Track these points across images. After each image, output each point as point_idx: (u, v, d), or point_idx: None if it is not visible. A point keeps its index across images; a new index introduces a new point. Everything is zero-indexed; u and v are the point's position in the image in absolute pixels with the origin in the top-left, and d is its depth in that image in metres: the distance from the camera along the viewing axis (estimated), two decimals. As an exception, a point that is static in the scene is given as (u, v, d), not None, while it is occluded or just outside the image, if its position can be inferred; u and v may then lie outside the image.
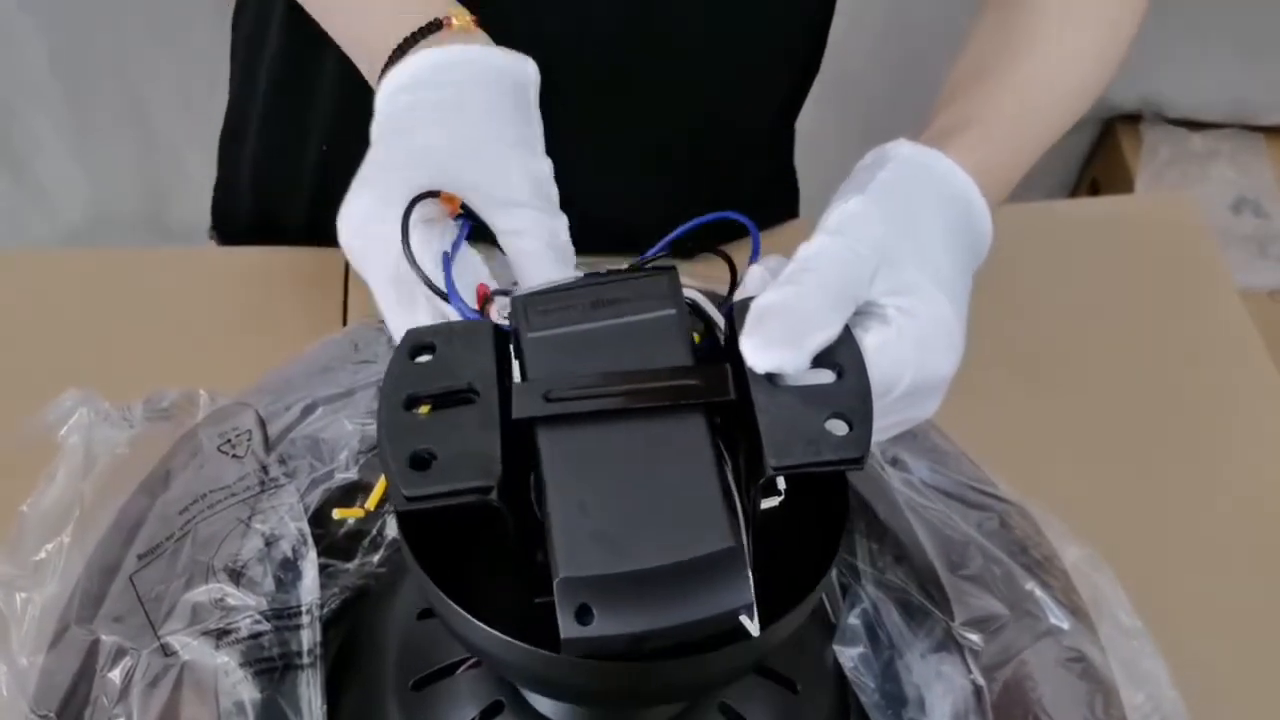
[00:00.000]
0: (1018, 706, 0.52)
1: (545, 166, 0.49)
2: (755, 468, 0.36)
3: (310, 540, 0.55)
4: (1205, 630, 0.66)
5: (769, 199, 0.89)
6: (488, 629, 0.35)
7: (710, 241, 0.45)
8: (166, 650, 0.50)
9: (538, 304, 0.39)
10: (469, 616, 0.35)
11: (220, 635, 0.51)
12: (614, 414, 0.37)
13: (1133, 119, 1.69)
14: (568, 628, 0.33)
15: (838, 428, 0.36)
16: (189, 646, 0.50)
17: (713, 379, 0.37)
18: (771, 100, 0.83)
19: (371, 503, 0.37)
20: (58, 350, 0.76)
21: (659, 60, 0.74)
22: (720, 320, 0.41)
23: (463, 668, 0.49)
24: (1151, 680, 0.57)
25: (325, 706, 0.52)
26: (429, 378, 0.37)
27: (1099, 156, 1.73)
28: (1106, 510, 0.68)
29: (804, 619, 0.37)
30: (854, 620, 0.55)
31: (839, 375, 0.37)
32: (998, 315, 0.82)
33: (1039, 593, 0.57)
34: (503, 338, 0.39)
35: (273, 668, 0.51)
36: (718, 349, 0.40)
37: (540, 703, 0.45)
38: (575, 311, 0.39)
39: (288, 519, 0.55)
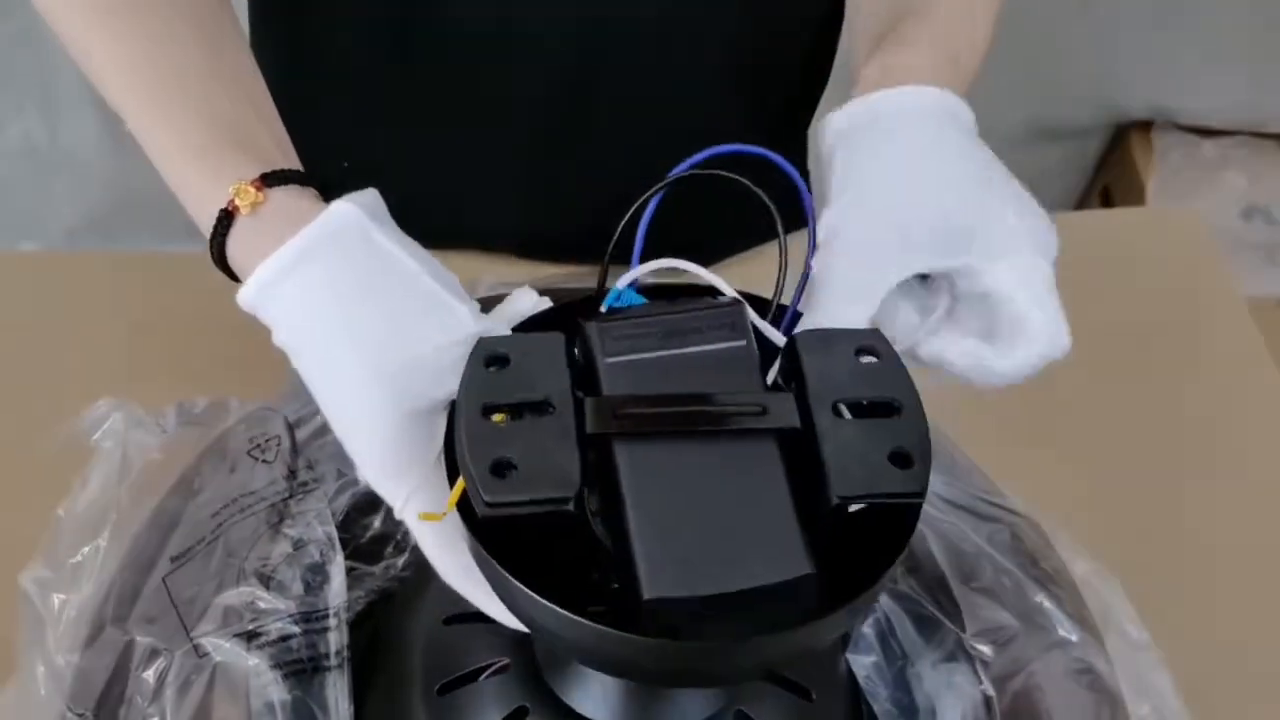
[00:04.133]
0: (1026, 717, 0.54)
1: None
2: (819, 496, 0.38)
3: (338, 544, 0.56)
4: (1211, 642, 0.67)
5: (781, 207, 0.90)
6: (578, 618, 0.36)
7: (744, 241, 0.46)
8: (199, 651, 0.52)
9: (612, 331, 0.40)
10: (562, 610, 0.36)
11: (251, 637, 0.53)
12: (687, 434, 0.38)
13: (1144, 126, 1.70)
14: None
15: (899, 462, 0.38)
16: (221, 648, 0.52)
17: (780, 407, 0.39)
18: (772, 106, 0.84)
19: (450, 503, 0.38)
20: (82, 353, 0.77)
21: (630, 67, 0.74)
22: (777, 336, 0.42)
23: (486, 673, 0.50)
24: (1157, 692, 0.58)
25: (352, 708, 0.53)
26: (505, 388, 0.38)
27: (1110, 163, 1.74)
28: (1114, 521, 0.69)
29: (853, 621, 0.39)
30: (867, 630, 0.57)
31: (898, 412, 0.38)
32: None
33: (1048, 605, 0.58)
34: (574, 356, 0.40)
35: (301, 669, 0.53)
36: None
37: (566, 707, 0.47)
38: (648, 340, 0.40)
39: (316, 523, 0.56)
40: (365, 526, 0.60)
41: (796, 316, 0.45)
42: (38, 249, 1.53)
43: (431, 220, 0.52)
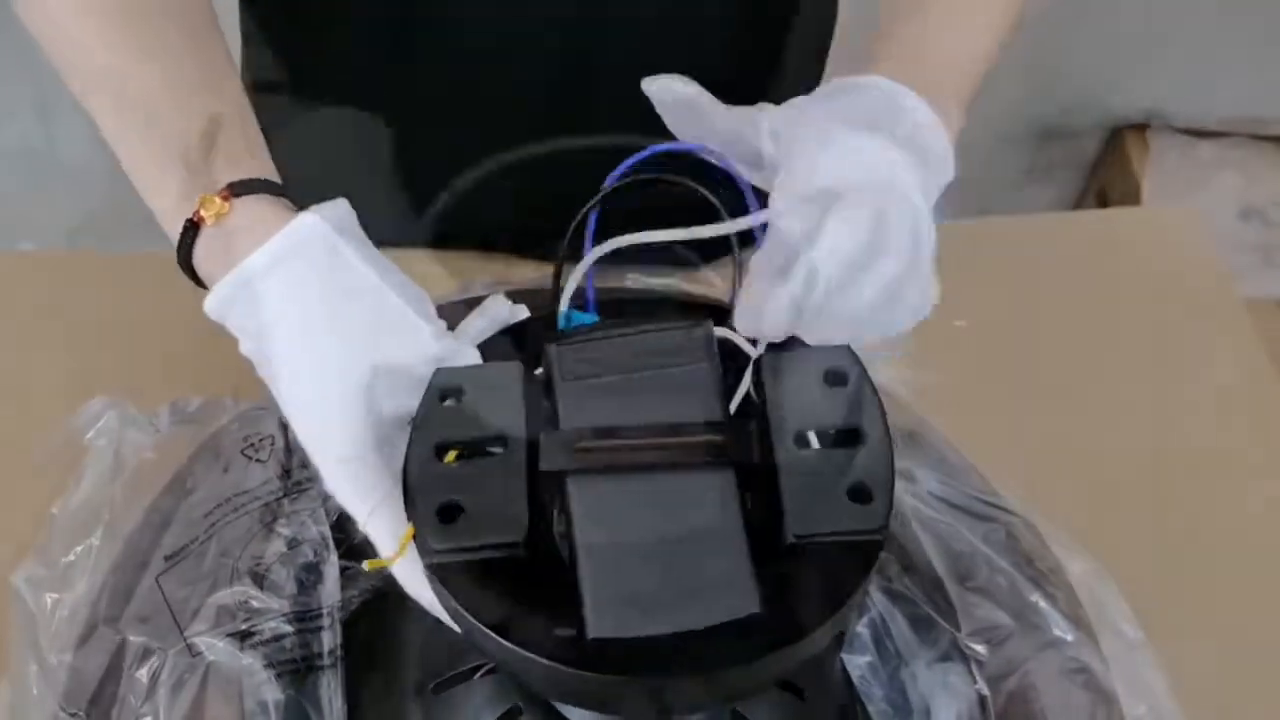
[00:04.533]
0: (1021, 717, 0.54)
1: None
2: (777, 532, 0.38)
3: (331, 544, 0.56)
4: (1207, 643, 0.67)
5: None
6: (528, 654, 0.36)
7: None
8: (192, 651, 0.52)
9: (572, 353, 0.40)
10: (508, 644, 0.36)
11: (244, 637, 0.52)
12: (643, 468, 0.38)
13: (1140, 128, 1.70)
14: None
15: (859, 498, 0.37)
16: (214, 648, 0.52)
17: (741, 438, 0.39)
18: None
19: (401, 550, 0.38)
20: (73, 354, 0.77)
21: (629, 66, 0.74)
22: (750, 349, 0.42)
23: (480, 673, 0.50)
24: (1152, 692, 0.58)
25: (345, 707, 0.53)
26: (458, 424, 0.38)
27: (1106, 165, 1.74)
28: (1109, 522, 0.69)
29: (819, 647, 0.38)
30: (862, 629, 0.56)
31: (862, 440, 0.38)
32: (1003, 328, 0.83)
33: (1043, 604, 0.58)
34: (532, 383, 0.40)
35: (295, 669, 0.53)
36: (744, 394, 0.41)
37: (558, 708, 0.47)
38: (609, 362, 0.39)
39: (309, 522, 0.56)
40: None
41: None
42: (36, 249, 1.53)
43: (430, 218, 0.52)
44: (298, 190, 0.83)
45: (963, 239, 0.48)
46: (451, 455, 0.38)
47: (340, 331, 0.43)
